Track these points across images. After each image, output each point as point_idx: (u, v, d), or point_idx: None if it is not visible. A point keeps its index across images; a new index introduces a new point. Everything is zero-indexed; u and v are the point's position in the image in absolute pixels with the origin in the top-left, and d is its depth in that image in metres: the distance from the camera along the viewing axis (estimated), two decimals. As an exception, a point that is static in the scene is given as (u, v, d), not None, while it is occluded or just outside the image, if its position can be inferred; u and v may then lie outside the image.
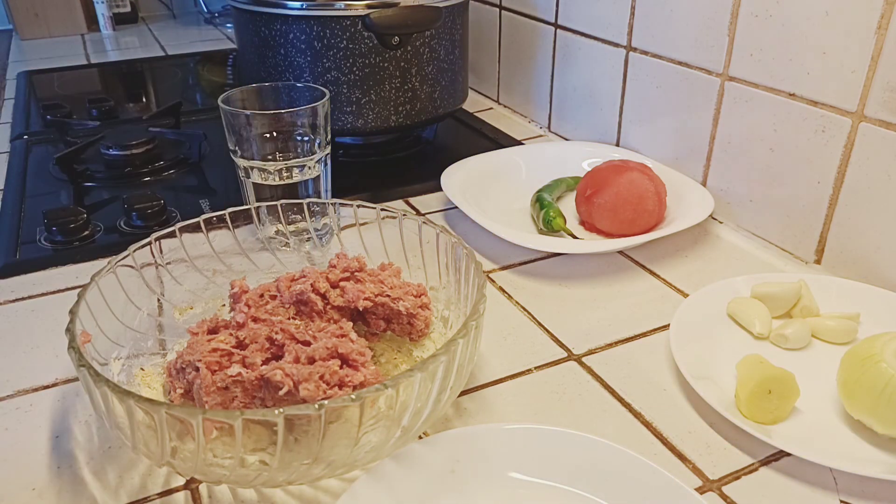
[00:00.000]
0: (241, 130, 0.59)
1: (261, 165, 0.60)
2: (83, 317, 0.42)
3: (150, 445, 0.36)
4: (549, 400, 0.48)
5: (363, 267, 0.50)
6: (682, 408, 0.48)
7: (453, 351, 0.38)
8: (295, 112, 0.59)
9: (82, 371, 0.36)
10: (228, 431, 0.35)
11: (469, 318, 0.40)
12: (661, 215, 0.67)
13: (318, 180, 0.62)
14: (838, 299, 0.55)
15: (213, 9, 1.69)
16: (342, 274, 0.49)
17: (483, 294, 0.42)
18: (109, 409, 0.36)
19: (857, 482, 0.42)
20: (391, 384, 0.35)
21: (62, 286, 0.61)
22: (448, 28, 0.79)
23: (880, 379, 0.42)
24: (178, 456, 0.36)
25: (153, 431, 0.35)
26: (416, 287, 0.50)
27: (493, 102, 1.07)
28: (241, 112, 0.58)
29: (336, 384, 0.40)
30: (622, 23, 0.77)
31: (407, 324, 0.49)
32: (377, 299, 0.47)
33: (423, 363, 0.36)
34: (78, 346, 0.38)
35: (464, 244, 0.48)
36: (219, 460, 0.36)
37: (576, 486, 0.40)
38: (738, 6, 0.63)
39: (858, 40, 0.54)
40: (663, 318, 0.56)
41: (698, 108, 0.70)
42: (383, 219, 0.54)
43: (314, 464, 0.36)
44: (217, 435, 0.37)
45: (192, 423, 0.33)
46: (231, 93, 0.61)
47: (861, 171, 0.57)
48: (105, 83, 1.25)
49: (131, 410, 0.34)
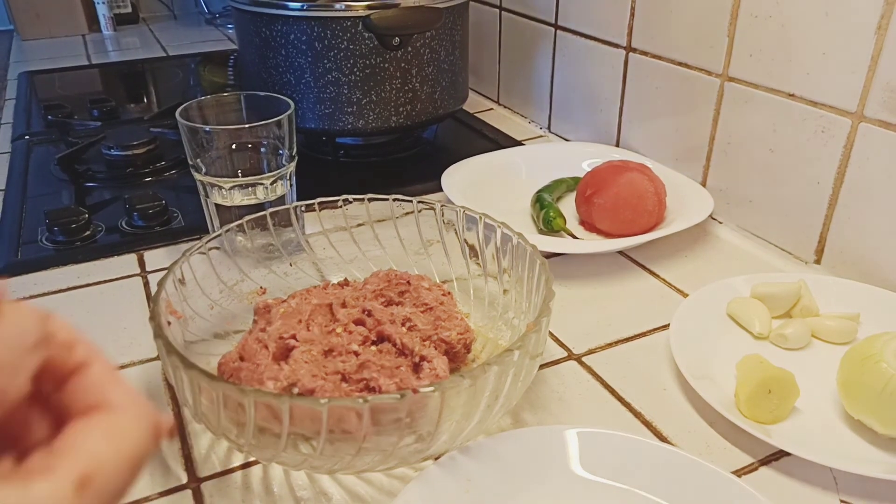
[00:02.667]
0: (200, 144, 0.57)
1: (220, 182, 0.58)
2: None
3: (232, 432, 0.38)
4: (550, 400, 0.48)
5: (410, 282, 0.51)
6: (682, 407, 0.48)
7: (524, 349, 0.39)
8: (258, 126, 0.57)
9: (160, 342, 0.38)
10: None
11: (540, 314, 0.42)
12: (660, 215, 0.67)
13: (284, 198, 0.61)
14: (838, 299, 0.55)
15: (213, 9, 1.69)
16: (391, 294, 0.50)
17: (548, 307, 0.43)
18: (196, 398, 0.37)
19: (857, 482, 0.42)
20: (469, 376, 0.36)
21: (63, 286, 0.61)
22: (448, 29, 0.79)
23: (880, 379, 0.42)
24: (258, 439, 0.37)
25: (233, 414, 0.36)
26: (461, 323, 0.49)
27: (493, 103, 1.07)
28: (200, 127, 0.56)
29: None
30: (622, 23, 0.77)
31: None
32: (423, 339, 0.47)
33: (498, 357, 0.37)
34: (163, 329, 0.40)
35: (527, 241, 0.49)
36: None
37: (638, 488, 0.41)
38: (738, 6, 0.63)
39: (858, 40, 0.54)
40: (663, 318, 0.56)
41: (698, 108, 0.70)
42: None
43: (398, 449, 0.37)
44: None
45: (281, 409, 0.34)
46: (189, 105, 0.59)
47: (861, 172, 0.57)
48: (106, 83, 1.25)
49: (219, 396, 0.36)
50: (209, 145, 0.57)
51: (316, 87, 0.76)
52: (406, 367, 0.44)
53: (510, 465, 0.41)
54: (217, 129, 0.57)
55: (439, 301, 0.50)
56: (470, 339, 0.48)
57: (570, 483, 0.41)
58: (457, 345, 0.47)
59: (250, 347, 0.45)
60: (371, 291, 0.50)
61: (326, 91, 0.76)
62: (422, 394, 0.35)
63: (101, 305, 0.59)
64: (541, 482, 0.41)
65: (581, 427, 0.43)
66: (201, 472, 0.43)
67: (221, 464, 0.43)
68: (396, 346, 0.45)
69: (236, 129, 0.57)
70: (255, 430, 0.36)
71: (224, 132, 0.57)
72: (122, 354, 0.53)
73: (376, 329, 0.46)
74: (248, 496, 0.41)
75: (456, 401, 0.36)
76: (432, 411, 0.36)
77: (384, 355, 0.45)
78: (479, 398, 0.37)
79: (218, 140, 0.57)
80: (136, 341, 0.54)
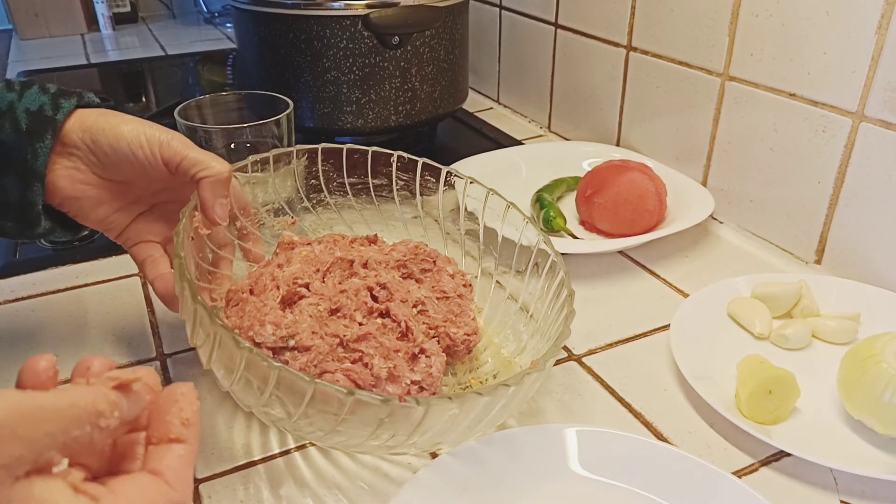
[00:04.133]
0: (199, 144, 0.57)
1: None
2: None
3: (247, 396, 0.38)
4: (550, 400, 0.48)
5: (435, 260, 0.50)
6: (683, 408, 0.48)
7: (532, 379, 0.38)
8: (257, 126, 0.57)
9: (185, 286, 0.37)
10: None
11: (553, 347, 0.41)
12: (661, 215, 0.66)
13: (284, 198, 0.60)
14: (838, 299, 0.55)
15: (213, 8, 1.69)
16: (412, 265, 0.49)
17: (567, 329, 0.42)
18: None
19: (857, 482, 0.42)
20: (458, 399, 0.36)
21: (62, 286, 0.61)
22: (448, 28, 0.79)
23: (880, 379, 0.42)
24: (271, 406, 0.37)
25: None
26: (472, 323, 0.48)
27: (493, 102, 1.07)
28: (199, 126, 0.57)
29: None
30: (622, 22, 0.77)
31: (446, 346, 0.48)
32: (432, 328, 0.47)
33: (491, 388, 0.36)
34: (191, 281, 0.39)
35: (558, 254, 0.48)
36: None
37: (638, 487, 0.41)
38: (739, 6, 0.63)
39: (859, 40, 0.54)
40: (663, 318, 0.56)
41: (698, 108, 0.70)
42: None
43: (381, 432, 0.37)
44: None
45: (269, 375, 0.34)
46: (188, 104, 0.59)
47: (861, 171, 0.57)
48: (105, 83, 1.25)
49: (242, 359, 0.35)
50: (208, 145, 0.57)
51: (315, 86, 0.76)
52: (403, 355, 0.43)
53: (509, 464, 0.41)
54: (216, 129, 0.57)
55: (458, 293, 0.49)
56: (475, 343, 0.48)
57: (569, 482, 0.41)
58: (460, 345, 0.47)
59: (262, 283, 0.44)
60: (395, 259, 0.49)
61: (325, 90, 0.76)
62: (405, 406, 0.34)
63: (100, 305, 0.58)
64: (540, 481, 0.41)
65: (580, 426, 0.43)
66: (200, 472, 0.43)
67: (220, 465, 0.43)
68: (401, 328, 0.44)
69: (235, 129, 0.57)
70: (243, 380, 0.36)
71: (223, 131, 0.57)
72: (122, 355, 0.53)
73: (387, 303, 0.45)
74: (246, 497, 0.41)
75: (437, 418, 0.36)
76: (412, 420, 0.36)
77: (387, 332, 0.44)
78: (461, 421, 0.37)
79: (217, 139, 0.57)
80: (135, 341, 0.54)
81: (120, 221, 0.47)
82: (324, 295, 0.44)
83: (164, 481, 0.26)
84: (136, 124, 0.44)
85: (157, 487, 0.26)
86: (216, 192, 0.44)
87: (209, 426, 0.46)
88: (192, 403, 0.28)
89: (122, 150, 0.43)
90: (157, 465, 0.27)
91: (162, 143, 0.44)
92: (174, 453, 0.27)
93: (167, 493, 0.26)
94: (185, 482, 0.27)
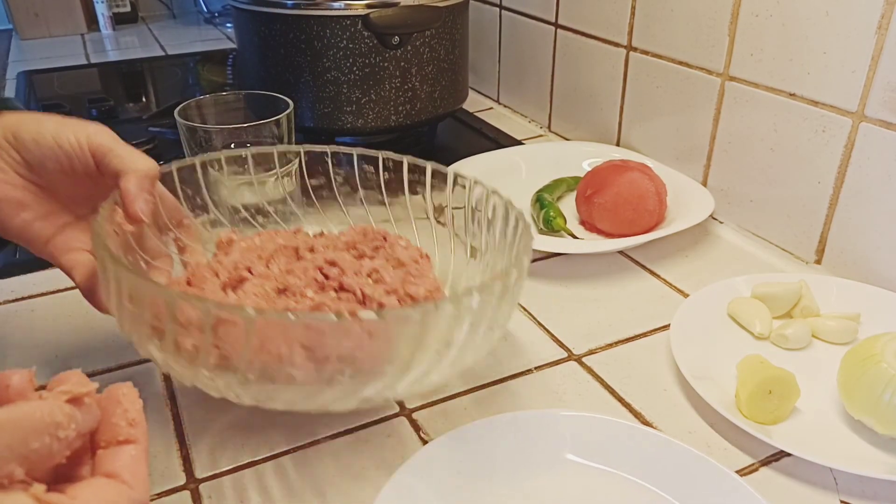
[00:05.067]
0: (199, 144, 0.56)
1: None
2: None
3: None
4: (550, 400, 0.48)
5: (387, 238, 0.47)
6: (683, 408, 0.48)
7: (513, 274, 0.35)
8: (257, 126, 0.56)
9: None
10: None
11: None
12: (661, 215, 0.66)
13: (284, 198, 0.59)
14: (838, 299, 0.55)
15: (212, 8, 1.69)
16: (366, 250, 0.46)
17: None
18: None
19: (857, 482, 0.42)
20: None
21: (62, 286, 0.61)
22: (448, 28, 0.79)
23: (880, 379, 0.42)
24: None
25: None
26: (433, 282, 0.45)
27: (493, 102, 1.07)
28: (199, 126, 0.56)
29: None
30: (622, 22, 0.77)
31: None
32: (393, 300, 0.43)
33: (455, 297, 0.34)
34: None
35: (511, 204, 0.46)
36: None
37: (631, 474, 0.41)
38: (739, 6, 0.63)
39: (859, 40, 0.54)
40: (663, 318, 0.56)
41: (698, 108, 0.70)
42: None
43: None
44: None
45: (203, 321, 0.31)
46: (188, 104, 0.58)
47: (861, 171, 0.57)
48: (105, 83, 1.24)
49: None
50: (208, 145, 0.57)
51: (315, 86, 0.76)
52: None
53: (502, 448, 0.41)
54: (216, 129, 0.57)
55: (414, 259, 0.46)
56: (439, 299, 0.44)
57: (563, 468, 0.41)
58: (424, 301, 0.42)
59: (200, 275, 0.41)
60: (344, 242, 0.47)
61: (325, 90, 0.76)
62: (363, 319, 0.30)
63: (100, 305, 0.58)
64: (533, 467, 0.41)
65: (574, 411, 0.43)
66: (200, 472, 0.43)
67: (220, 464, 0.43)
68: (357, 297, 0.41)
69: (235, 129, 0.57)
70: (173, 345, 0.33)
71: (223, 131, 0.57)
72: (121, 356, 0.52)
73: (339, 279, 0.42)
74: (246, 497, 0.41)
75: (400, 331, 0.32)
76: (377, 346, 0.31)
77: (342, 303, 0.41)
78: (429, 343, 0.33)
79: (217, 139, 0.57)
80: (135, 341, 0.54)
81: (44, 231, 0.44)
82: (269, 276, 0.41)
83: (123, 482, 0.27)
84: (62, 120, 0.43)
85: (116, 489, 0.27)
86: (141, 185, 0.42)
87: (209, 427, 0.46)
88: (134, 403, 0.28)
89: (47, 143, 0.41)
90: (111, 468, 0.27)
91: (90, 134, 0.42)
92: (126, 454, 0.28)
93: (127, 493, 0.27)
94: (142, 481, 0.28)
